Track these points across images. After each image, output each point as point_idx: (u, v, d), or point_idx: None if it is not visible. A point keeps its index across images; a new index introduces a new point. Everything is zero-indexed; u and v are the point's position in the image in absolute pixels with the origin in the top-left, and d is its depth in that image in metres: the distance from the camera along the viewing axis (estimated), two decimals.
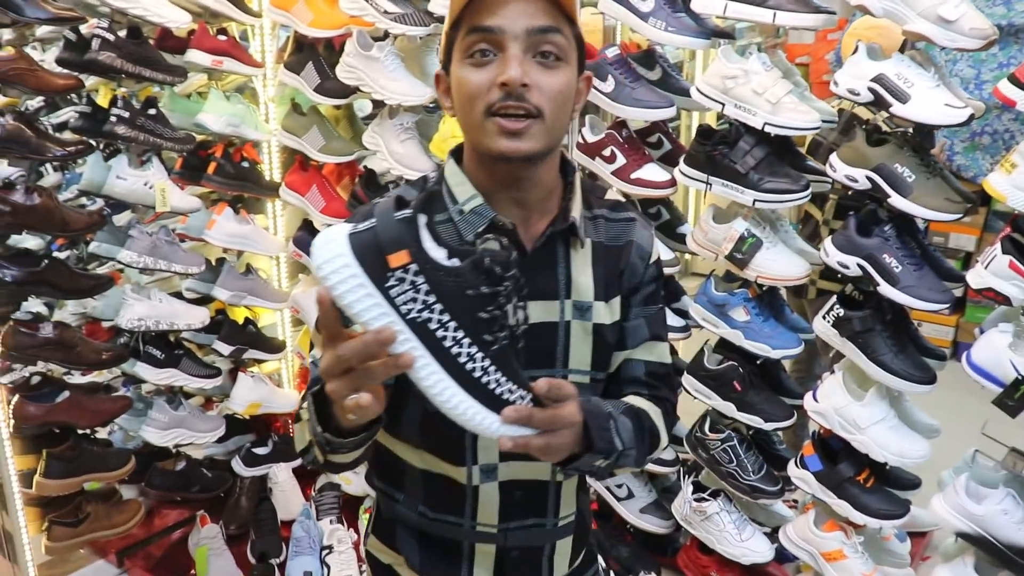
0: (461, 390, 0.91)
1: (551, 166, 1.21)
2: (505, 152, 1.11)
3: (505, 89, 1.08)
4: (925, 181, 1.97)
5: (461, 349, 0.90)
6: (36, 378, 2.59)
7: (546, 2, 1.11)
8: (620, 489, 2.57)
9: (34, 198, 2.38)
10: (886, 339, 2.06)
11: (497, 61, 1.10)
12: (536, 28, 1.09)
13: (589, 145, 2.33)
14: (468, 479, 1.27)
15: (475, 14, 1.11)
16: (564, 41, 1.12)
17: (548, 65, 1.11)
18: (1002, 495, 1.94)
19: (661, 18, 2.17)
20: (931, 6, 1.82)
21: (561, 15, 1.12)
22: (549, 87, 1.11)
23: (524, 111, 1.09)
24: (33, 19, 2.35)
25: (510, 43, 1.09)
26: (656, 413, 1.27)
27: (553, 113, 1.12)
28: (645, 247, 1.31)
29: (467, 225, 1.20)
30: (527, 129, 1.10)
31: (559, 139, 1.18)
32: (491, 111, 1.10)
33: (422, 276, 0.88)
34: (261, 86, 3.06)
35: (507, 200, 1.20)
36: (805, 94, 2.18)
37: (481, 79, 1.10)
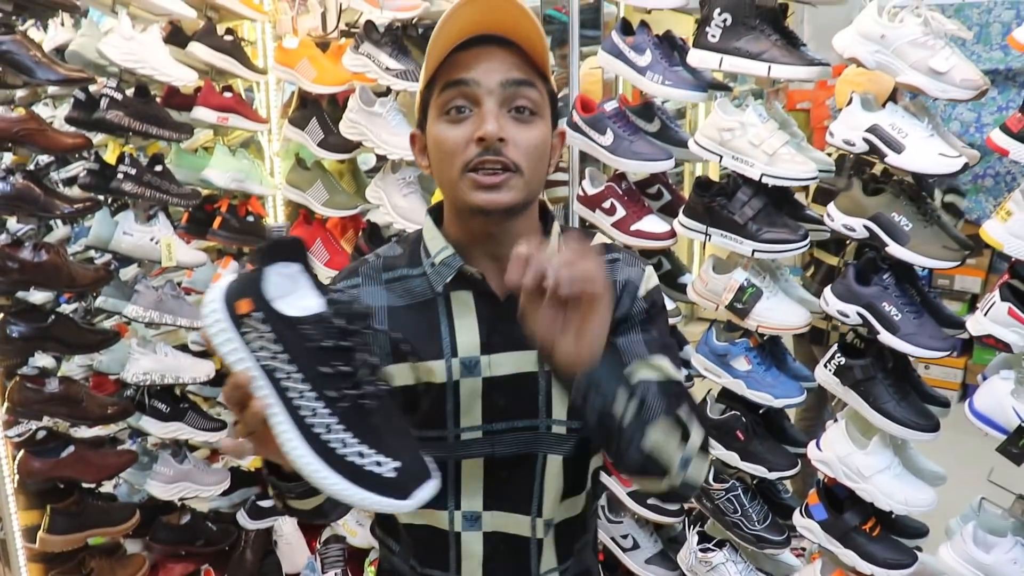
0: (304, 444, 0.89)
1: (528, 219, 1.22)
2: (483, 205, 1.12)
3: (482, 144, 1.10)
4: (922, 229, 1.98)
5: (304, 402, 0.89)
6: (42, 433, 2.60)
7: (519, 57, 1.13)
8: (626, 540, 2.55)
9: (42, 255, 2.42)
10: (888, 387, 2.06)
11: (473, 117, 1.12)
12: (511, 80, 1.12)
13: (589, 197, 2.36)
14: (450, 525, 1.26)
15: (450, 70, 1.13)
16: (538, 96, 1.14)
17: (523, 120, 1.13)
18: (1011, 544, 1.92)
19: (658, 72, 2.21)
20: (922, 58, 1.85)
21: (534, 70, 1.14)
22: (525, 141, 1.12)
23: (501, 165, 1.10)
24: (44, 81, 2.40)
25: (485, 97, 1.11)
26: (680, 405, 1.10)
27: (530, 167, 1.13)
28: (633, 282, 1.27)
29: (437, 276, 1.22)
30: (505, 182, 1.11)
31: (536, 192, 1.19)
32: (469, 167, 1.11)
33: (267, 324, 0.89)
34: (266, 141, 3.10)
35: (482, 254, 1.21)
36: (802, 144, 2.20)
37: (458, 135, 1.12)
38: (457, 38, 1.13)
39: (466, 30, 1.12)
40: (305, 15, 2.96)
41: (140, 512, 2.84)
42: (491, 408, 1.23)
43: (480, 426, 1.23)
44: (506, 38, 1.13)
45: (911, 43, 1.86)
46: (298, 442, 0.88)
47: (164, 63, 2.58)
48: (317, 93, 2.70)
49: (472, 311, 1.23)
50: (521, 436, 1.02)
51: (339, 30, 2.81)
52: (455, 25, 1.12)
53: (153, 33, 2.56)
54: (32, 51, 2.36)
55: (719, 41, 2.08)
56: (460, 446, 1.24)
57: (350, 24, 2.75)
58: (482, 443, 1.24)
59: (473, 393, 1.23)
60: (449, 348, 1.22)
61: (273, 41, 2.99)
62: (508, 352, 1.21)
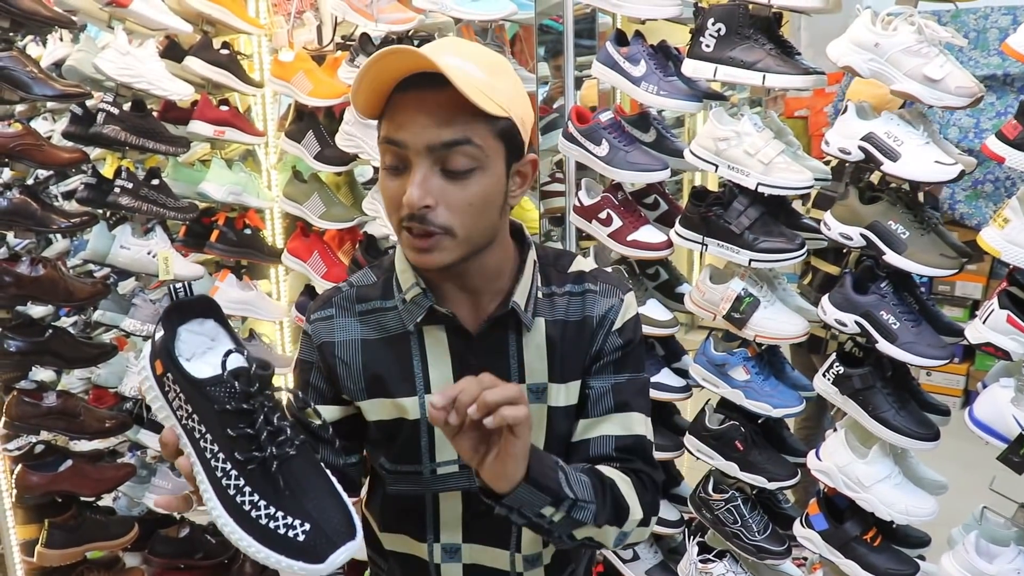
0: (219, 504, 0.89)
1: (495, 252, 1.19)
2: (417, 264, 1.12)
3: (407, 211, 1.07)
4: (919, 237, 1.97)
5: (218, 463, 0.89)
6: (40, 447, 2.60)
7: (454, 111, 1.05)
8: (625, 551, 2.54)
9: (39, 269, 2.42)
10: (887, 396, 2.05)
11: (406, 175, 1.08)
12: (440, 144, 1.06)
13: (585, 208, 2.36)
14: (430, 556, 1.26)
15: (387, 123, 1.10)
16: (476, 149, 1.07)
17: (458, 178, 1.08)
18: (1014, 553, 1.91)
19: (653, 82, 2.21)
20: (916, 66, 1.85)
21: (476, 119, 1.07)
22: (458, 201, 1.08)
23: (426, 232, 1.07)
24: (41, 96, 2.41)
25: (414, 159, 1.07)
26: (625, 481, 1.19)
27: (465, 226, 1.09)
28: (608, 316, 1.25)
29: (408, 314, 1.21)
30: (435, 245, 1.09)
31: (486, 239, 1.15)
32: (402, 224, 1.10)
33: (178, 385, 0.89)
34: (263, 153, 3.11)
35: (453, 288, 1.20)
36: (798, 153, 2.20)
37: (393, 191, 1.09)
38: (386, 83, 1.08)
39: (403, 67, 1.06)
40: (301, 28, 2.97)
41: (139, 525, 2.83)
42: None
43: (456, 460, 1.23)
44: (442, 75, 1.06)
45: (905, 51, 1.86)
46: (215, 502, 0.89)
47: (160, 77, 2.58)
48: (313, 106, 2.71)
49: (444, 346, 1.22)
50: None
51: (335, 43, 2.82)
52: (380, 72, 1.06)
53: (149, 48, 2.57)
54: (29, 67, 2.36)
55: (713, 51, 2.08)
56: (437, 480, 1.24)
57: (345, 37, 2.76)
58: (459, 477, 1.24)
59: None
60: (422, 384, 1.22)
61: (269, 54, 3.00)
62: None
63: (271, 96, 3.09)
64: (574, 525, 1.09)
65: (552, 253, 1.32)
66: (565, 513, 1.06)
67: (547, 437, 1.24)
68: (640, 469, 1.24)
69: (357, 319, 1.24)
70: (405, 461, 1.23)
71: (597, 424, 1.24)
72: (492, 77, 1.08)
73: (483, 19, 2.36)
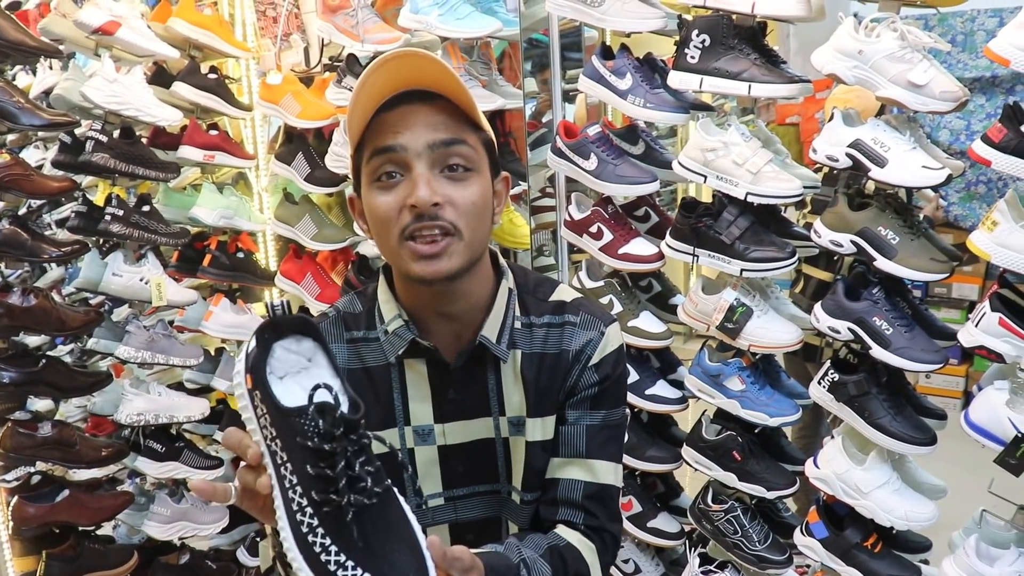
0: (292, 539, 0.83)
1: (479, 277, 1.19)
2: (424, 276, 1.09)
3: (416, 211, 1.06)
4: (909, 242, 1.97)
5: (295, 496, 0.84)
6: (36, 477, 2.59)
7: (446, 114, 1.08)
8: (627, 565, 2.52)
9: (30, 299, 2.42)
10: (883, 402, 2.04)
11: (405, 181, 1.07)
12: (439, 142, 1.07)
13: (576, 222, 2.36)
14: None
15: (376, 136, 1.09)
16: (471, 151, 1.10)
17: (458, 178, 1.09)
18: (1014, 556, 1.90)
19: (639, 95, 2.21)
20: (900, 72, 1.85)
21: (464, 123, 1.10)
22: (463, 201, 1.08)
23: (440, 230, 1.07)
24: (28, 126, 2.42)
25: (415, 161, 1.07)
26: (589, 550, 1.19)
27: (470, 227, 1.09)
28: (585, 351, 1.23)
29: (390, 346, 1.20)
30: (444, 249, 1.08)
31: (481, 251, 1.16)
32: (405, 235, 1.07)
33: (264, 406, 0.85)
34: (254, 177, 3.11)
35: (435, 316, 1.19)
36: (787, 162, 2.20)
37: (392, 202, 1.08)
38: (379, 98, 1.08)
39: (387, 89, 1.08)
40: (288, 51, 2.97)
41: (139, 553, 2.82)
42: (450, 475, 1.23)
43: (441, 492, 1.23)
44: (430, 91, 1.09)
45: (888, 57, 1.86)
46: (288, 533, 0.84)
47: (148, 104, 2.58)
48: (302, 128, 2.70)
49: (425, 379, 1.21)
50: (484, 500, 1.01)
51: (322, 64, 2.82)
52: (375, 86, 1.08)
53: (136, 75, 2.57)
54: (15, 97, 2.37)
55: (698, 62, 2.08)
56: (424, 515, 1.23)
57: (333, 58, 2.76)
58: (445, 509, 1.24)
59: (430, 461, 1.22)
60: (402, 416, 1.22)
61: (257, 78, 3.01)
62: (461, 420, 1.20)
63: (260, 119, 3.09)
64: None
65: (533, 280, 1.30)
66: None
67: (525, 472, 1.23)
68: (602, 527, 1.23)
69: (345, 345, 1.24)
70: None
71: (566, 466, 1.23)
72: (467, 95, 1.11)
73: (469, 37, 2.37)
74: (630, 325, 2.32)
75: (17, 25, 2.37)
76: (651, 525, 2.45)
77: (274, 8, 3.14)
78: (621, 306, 2.34)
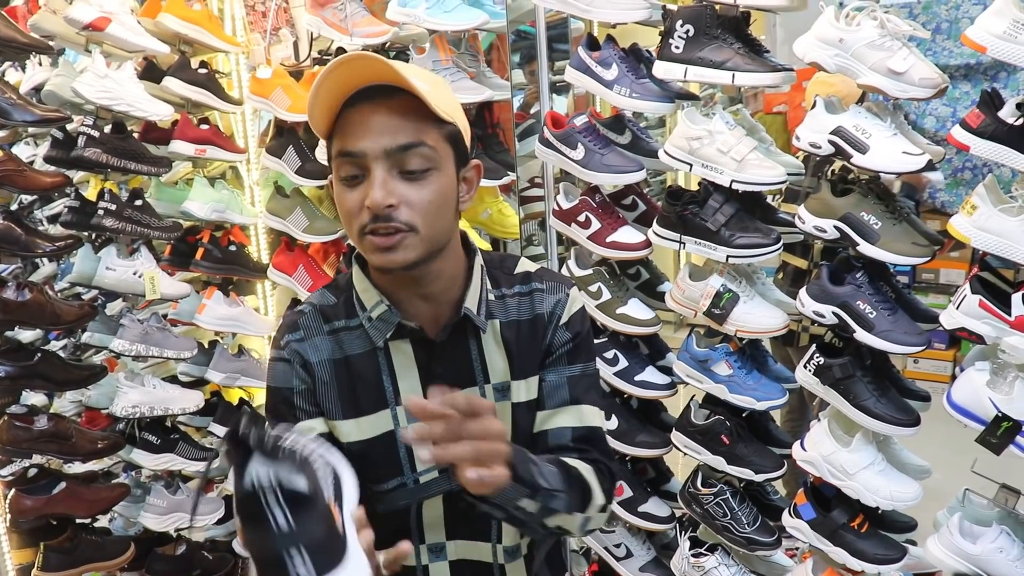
0: None
1: (449, 258, 1.25)
2: (382, 266, 1.16)
3: (371, 212, 1.12)
4: (891, 227, 2.00)
5: None
6: (33, 470, 2.62)
7: (405, 114, 1.13)
8: (619, 549, 2.56)
9: (25, 294, 2.44)
10: (867, 384, 2.07)
11: (365, 183, 1.13)
12: (396, 147, 1.12)
13: (564, 211, 2.38)
14: (417, 559, 1.29)
15: (340, 138, 1.15)
16: (430, 151, 1.15)
17: (416, 178, 1.14)
18: (996, 533, 1.94)
19: (625, 85, 2.23)
20: (880, 60, 1.88)
21: (426, 121, 1.14)
22: (419, 200, 1.14)
23: (393, 230, 1.12)
24: (20, 122, 2.43)
25: (373, 164, 1.12)
26: (587, 469, 1.25)
27: (427, 223, 1.15)
28: (556, 312, 1.32)
29: (376, 332, 1.25)
30: (400, 243, 1.14)
31: (444, 239, 1.21)
32: (365, 231, 1.14)
33: None
34: (245, 170, 3.13)
35: (412, 297, 1.24)
36: (771, 149, 2.23)
37: (354, 199, 1.14)
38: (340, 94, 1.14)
39: (348, 86, 1.13)
40: (277, 45, 2.99)
41: (135, 545, 2.85)
42: None
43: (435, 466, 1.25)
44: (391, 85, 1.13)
45: (869, 45, 1.89)
46: None
47: (139, 99, 2.60)
48: (292, 121, 2.72)
49: (411, 358, 1.27)
50: None
51: (311, 58, 2.84)
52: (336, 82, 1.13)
53: (127, 70, 2.58)
54: (7, 93, 2.38)
55: (683, 52, 2.11)
56: (421, 489, 1.27)
57: (322, 52, 2.78)
58: (439, 481, 1.27)
59: None
60: (392, 397, 1.26)
61: (247, 72, 3.02)
62: None
63: (251, 113, 3.11)
64: (547, 514, 1.14)
65: (496, 257, 1.38)
66: (541, 504, 1.11)
67: (513, 432, 1.28)
68: (597, 459, 1.29)
69: (327, 338, 1.28)
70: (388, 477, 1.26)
71: (553, 416, 1.30)
72: (433, 88, 1.16)
73: (456, 29, 2.39)
74: (619, 312, 2.35)
75: (7, 21, 2.38)
76: (642, 510, 2.48)
77: (263, 3, 3.16)
78: (610, 294, 2.37)
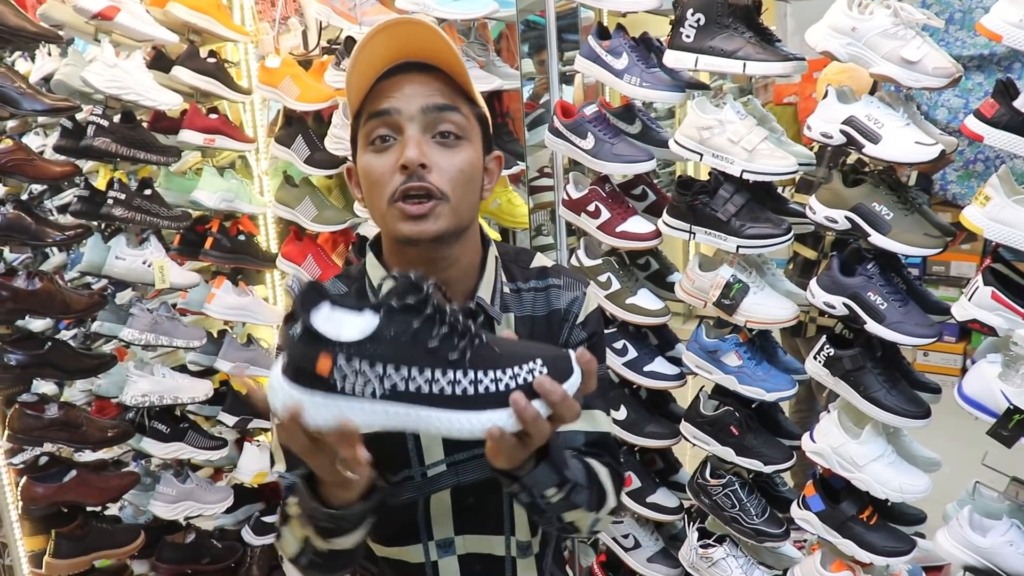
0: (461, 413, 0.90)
1: (467, 244, 1.22)
2: (411, 236, 1.12)
3: (405, 172, 1.10)
4: (903, 218, 1.99)
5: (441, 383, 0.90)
6: (44, 458, 2.63)
7: (441, 82, 1.13)
8: (627, 540, 2.56)
9: (35, 283, 2.44)
10: (877, 376, 2.07)
11: (397, 145, 1.12)
12: (432, 106, 1.12)
13: (574, 201, 2.38)
14: (426, 555, 1.28)
15: (372, 101, 1.13)
16: (463, 119, 1.14)
17: (448, 144, 1.13)
18: (1006, 526, 1.93)
19: (635, 74, 2.22)
20: (893, 49, 1.87)
21: (458, 94, 1.14)
22: (450, 166, 1.12)
23: (425, 191, 1.10)
24: (30, 111, 2.43)
25: (407, 124, 1.11)
26: (603, 471, 1.24)
27: (457, 193, 1.13)
28: (572, 310, 1.29)
29: None
30: (431, 211, 1.11)
31: (469, 218, 1.19)
32: (395, 196, 1.11)
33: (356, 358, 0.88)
34: (254, 160, 3.13)
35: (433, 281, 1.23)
36: (782, 139, 2.22)
37: (384, 164, 1.12)
38: (378, 68, 1.12)
39: (385, 59, 1.12)
40: (286, 34, 2.98)
41: (145, 533, 2.86)
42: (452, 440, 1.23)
43: (443, 459, 1.25)
44: (426, 63, 1.13)
45: (882, 34, 1.88)
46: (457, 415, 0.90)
47: (148, 88, 2.60)
48: (301, 111, 2.72)
49: None
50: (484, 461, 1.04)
51: (320, 47, 2.84)
52: (372, 54, 1.11)
53: (136, 59, 2.58)
54: (17, 83, 2.39)
55: (693, 41, 2.10)
56: (428, 483, 1.25)
57: (331, 41, 2.78)
58: (447, 475, 1.26)
59: None
60: None
61: (256, 61, 3.02)
62: None
63: (260, 102, 3.11)
64: (568, 507, 1.12)
65: (512, 250, 1.35)
66: (564, 495, 1.08)
67: None
68: (609, 463, 1.28)
69: None
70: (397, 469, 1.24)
71: None
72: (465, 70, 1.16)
73: (466, 18, 2.39)
74: (628, 303, 2.35)
75: (17, 11, 2.38)
76: (650, 500, 2.48)
77: None
78: (619, 284, 2.36)
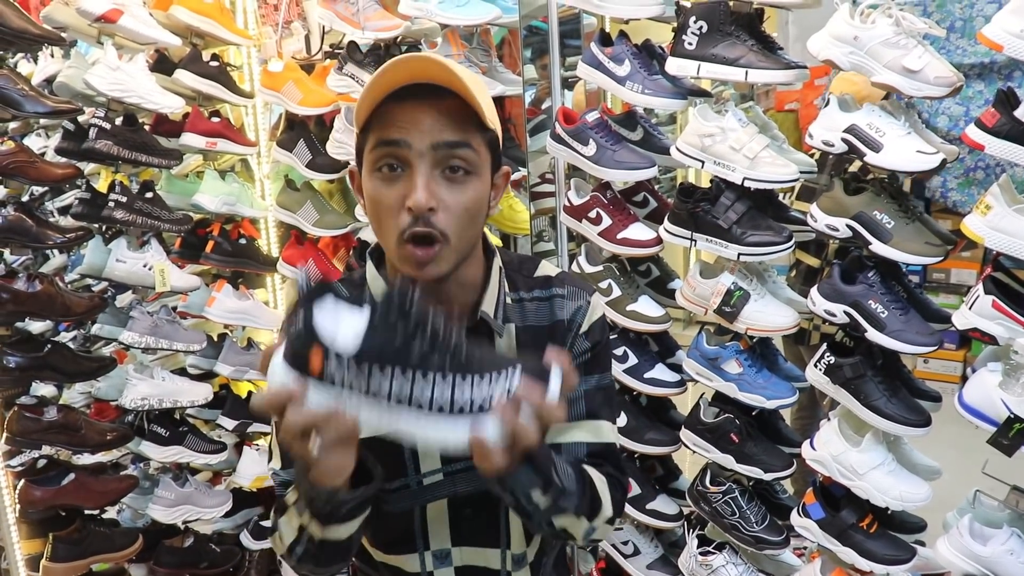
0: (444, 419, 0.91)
1: (470, 262, 1.21)
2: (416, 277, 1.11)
3: (412, 213, 1.07)
4: (904, 226, 1.99)
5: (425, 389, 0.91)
6: (42, 461, 2.62)
7: (454, 114, 1.09)
8: (626, 546, 2.56)
9: (35, 285, 2.44)
10: (878, 384, 2.07)
11: (405, 177, 1.09)
12: (443, 143, 1.08)
13: (575, 207, 2.38)
14: (422, 566, 1.28)
15: (382, 126, 1.10)
16: (473, 155, 1.11)
17: (457, 180, 1.10)
18: (1007, 535, 1.93)
19: (637, 81, 2.23)
20: (895, 58, 1.87)
21: (472, 125, 1.11)
22: (456, 206, 1.10)
23: (430, 237, 1.08)
24: (32, 113, 2.44)
25: (416, 160, 1.08)
26: (600, 479, 1.23)
27: (459, 232, 1.11)
28: (576, 319, 1.28)
29: None
30: (435, 255, 1.10)
31: (470, 249, 1.18)
32: (405, 238, 1.09)
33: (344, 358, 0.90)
34: (256, 163, 3.13)
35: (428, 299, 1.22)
36: (783, 147, 2.22)
37: (391, 197, 1.10)
38: (390, 85, 1.09)
39: (399, 78, 1.08)
40: (289, 38, 2.99)
41: (143, 537, 2.86)
42: None
43: (440, 468, 1.24)
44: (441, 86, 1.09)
45: (884, 43, 1.88)
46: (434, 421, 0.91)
47: (150, 91, 2.60)
48: (303, 115, 2.72)
49: None
50: None
51: (323, 52, 2.84)
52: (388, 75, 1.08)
53: (139, 62, 2.59)
54: (20, 85, 2.39)
55: (696, 48, 2.10)
56: (424, 492, 1.25)
57: (334, 45, 2.77)
58: (444, 484, 1.25)
59: None
60: None
61: (259, 65, 3.02)
62: None
63: (262, 106, 3.11)
64: (555, 512, 1.11)
65: (516, 259, 1.33)
66: (551, 500, 1.08)
67: None
68: (611, 473, 1.27)
69: None
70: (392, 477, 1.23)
71: (569, 430, 1.26)
72: (479, 94, 1.11)
73: (468, 24, 2.39)
74: (629, 309, 2.35)
75: (20, 13, 2.39)
76: (650, 507, 2.48)
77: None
78: (620, 291, 2.36)
